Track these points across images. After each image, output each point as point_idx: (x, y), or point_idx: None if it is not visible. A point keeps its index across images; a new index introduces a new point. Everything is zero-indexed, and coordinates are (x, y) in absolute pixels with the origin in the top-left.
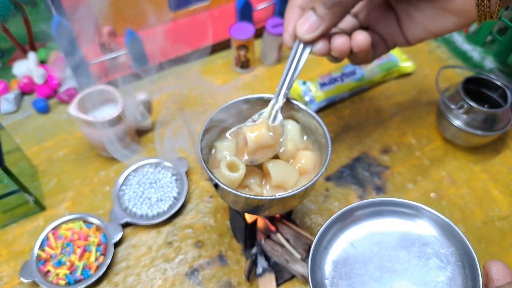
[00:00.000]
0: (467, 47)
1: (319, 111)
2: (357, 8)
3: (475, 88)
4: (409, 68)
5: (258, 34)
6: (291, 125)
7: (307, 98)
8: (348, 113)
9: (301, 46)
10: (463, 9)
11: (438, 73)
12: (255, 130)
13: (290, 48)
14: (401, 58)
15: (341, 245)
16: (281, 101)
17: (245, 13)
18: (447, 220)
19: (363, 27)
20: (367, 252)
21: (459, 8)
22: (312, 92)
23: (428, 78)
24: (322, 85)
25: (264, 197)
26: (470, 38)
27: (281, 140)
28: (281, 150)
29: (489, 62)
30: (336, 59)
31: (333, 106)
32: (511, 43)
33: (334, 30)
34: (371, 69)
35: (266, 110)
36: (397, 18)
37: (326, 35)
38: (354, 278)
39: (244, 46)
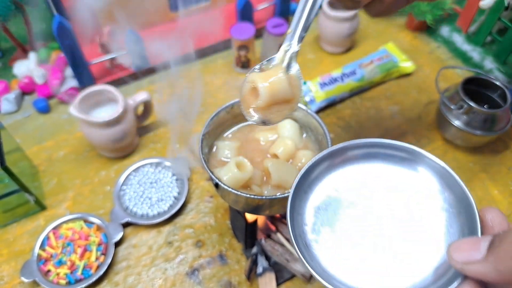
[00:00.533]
0: (467, 47)
1: (319, 111)
2: None
3: (475, 88)
4: (409, 69)
5: (259, 34)
6: (289, 124)
7: (307, 98)
8: (349, 113)
9: None
10: None
11: (438, 73)
12: (270, 76)
13: None
14: (401, 59)
15: (325, 188)
16: (295, 45)
17: (246, 13)
18: (445, 166)
19: None
20: (353, 197)
21: None
22: (313, 92)
23: (428, 79)
24: (323, 85)
25: (264, 197)
26: (470, 39)
27: (300, 95)
28: (279, 150)
29: (489, 63)
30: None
31: (333, 106)
32: (511, 43)
33: None
34: (371, 70)
35: (277, 55)
36: None
37: None
38: (337, 225)
39: (244, 46)
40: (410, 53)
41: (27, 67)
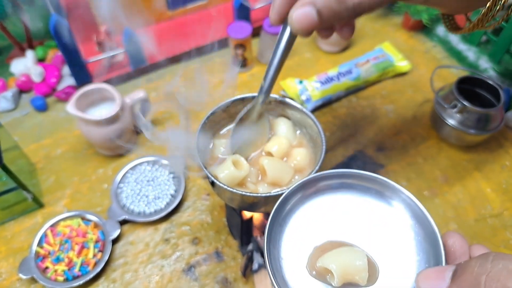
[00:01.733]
0: (462, 47)
1: (315, 110)
2: None
3: (469, 87)
4: (405, 68)
5: (256, 33)
6: (283, 122)
7: (303, 97)
8: (344, 112)
9: (288, 31)
10: None
11: (433, 72)
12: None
13: (277, 25)
14: (397, 58)
15: (299, 221)
16: (265, 97)
17: (243, 12)
18: (411, 196)
19: None
20: (327, 227)
21: None
22: (309, 91)
23: (424, 78)
24: (319, 84)
25: (259, 194)
26: (466, 38)
27: (268, 135)
28: (274, 149)
29: (484, 62)
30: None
31: (329, 105)
32: (505, 43)
33: None
34: (367, 69)
35: (250, 106)
36: None
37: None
38: (313, 258)
39: (241, 45)
40: (406, 52)
41: (24, 65)
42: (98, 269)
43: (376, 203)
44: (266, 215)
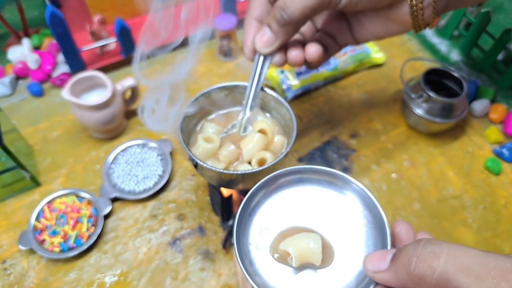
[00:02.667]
0: (435, 40)
1: (295, 98)
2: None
3: (437, 79)
4: (380, 59)
5: (241, 24)
6: (263, 117)
7: (284, 86)
8: (322, 101)
9: (261, 58)
10: (402, 19)
11: (404, 64)
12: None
13: (251, 61)
14: (373, 50)
15: (265, 211)
16: (248, 113)
17: (229, 4)
18: (364, 188)
19: (319, 30)
20: (289, 216)
21: (398, 18)
22: (289, 81)
23: (397, 69)
24: (298, 74)
25: (235, 172)
26: (439, 32)
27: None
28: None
29: (455, 55)
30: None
31: (308, 94)
32: (474, 38)
33: (293, 37)
34: (344, 60)
35: (237, 122)
36: (349, 24)
37: (283, 47)
38: (276, 243)
39: (227, 36)
40: (382, 45)
41: (21, 53)
42: (91, 241)
43: (332, 193)
44: (244, 192)
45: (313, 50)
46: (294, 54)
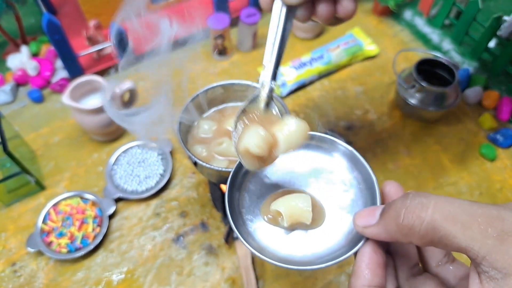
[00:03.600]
0: (427, 30)
1: (290, 93)
2: None
3: (429, 68)
4: (374, 52)
5: (234, 23)
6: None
7: (279, 82)
8: (317, 95)
9: (284, 11)
10: None
11: (396, 56)
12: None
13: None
14: (366, 42)
15: (255, 179)
16: (273, 82)
17: (221, 4)
18: (351, 149)
19: None
20: (280, 180)
21: None
22: (284, 76)
23: (391, 61)
24: (293, 69)
25: (230, 169)
26: (430, 22)
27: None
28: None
29: (447, 44)
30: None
31: (303, 88)
32: (465, 26)
33: None
34: (337, 54)
35: (257, 94)
36: None
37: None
38: (267, 204)
39: (220, 36)
40: (375, 37)
41: (20, 60)
42: (97, 241)
43: (320, 156)
44: None
45: (350, 5)
46: (326, 9)
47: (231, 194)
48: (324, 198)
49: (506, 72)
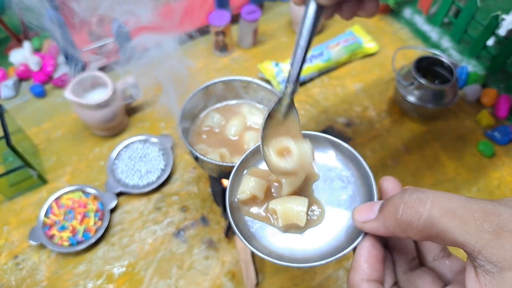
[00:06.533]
0: (426, 28)
1: None
2: None
3: (428, 66)
4: (373, 49)
5: (235, 20)
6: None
7: (279, 79)
8: (317, 91)
9: (313, 7)
10: None
11: (395, 54)
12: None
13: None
14: (365, 40)
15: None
16: (297, 85)
17: (222, 0)
18: (348, 147)
19: None
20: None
21: None
22: (284, 73)
23: (390, 58)
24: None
25: (234, 164)
26: (430, 20)
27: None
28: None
29: (446, 42)
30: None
31: (303, 85)
32: (463, 25)
33: None
34: (337, 51)
35: (281, 97)
36: None
37: None
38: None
39: (221, 32)
40: (375, 34)
41: (22, 55)
42: (99, 235)
43: (317, 154)
44: None
45: (372, 5)
46: (349, 7)
47: (232, 189)
48: (323, 195)
49: (505, 70)
